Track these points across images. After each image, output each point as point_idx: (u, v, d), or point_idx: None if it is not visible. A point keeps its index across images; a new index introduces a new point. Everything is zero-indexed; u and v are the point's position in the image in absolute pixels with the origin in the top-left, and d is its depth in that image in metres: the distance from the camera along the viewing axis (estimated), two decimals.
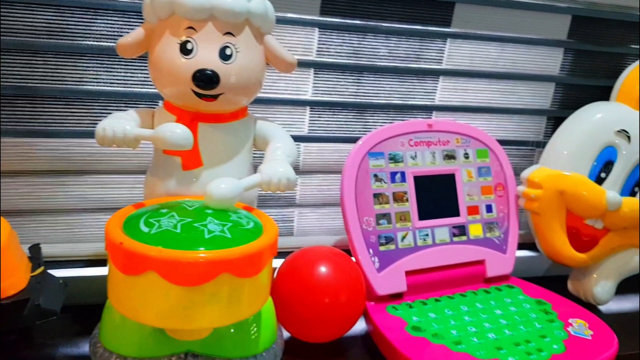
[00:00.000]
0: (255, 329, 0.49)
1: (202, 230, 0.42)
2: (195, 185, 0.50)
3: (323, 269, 0.56)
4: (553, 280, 0.77)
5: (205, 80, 0.47)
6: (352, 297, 0.57)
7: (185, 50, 0.48)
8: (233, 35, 0.49)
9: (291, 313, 0.56)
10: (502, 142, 0.72)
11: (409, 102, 0.71)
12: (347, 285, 0.57)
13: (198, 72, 0.47)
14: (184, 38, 0.48)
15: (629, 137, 0.68)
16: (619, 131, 0.68)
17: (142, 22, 0.51)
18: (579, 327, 0.61)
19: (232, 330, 0.48)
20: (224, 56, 0.48)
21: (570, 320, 0.62)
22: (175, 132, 0.45)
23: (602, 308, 0.74)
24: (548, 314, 0.63)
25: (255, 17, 0.50)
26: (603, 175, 0.68)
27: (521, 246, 0.79)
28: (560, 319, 0.62)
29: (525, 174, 0.69)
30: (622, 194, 0.69)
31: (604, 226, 0.69)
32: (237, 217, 0.45)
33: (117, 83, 0.60)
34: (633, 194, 0.70)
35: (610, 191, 0.67)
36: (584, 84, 0.76)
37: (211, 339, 0.47)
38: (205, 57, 0.48)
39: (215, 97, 0.49)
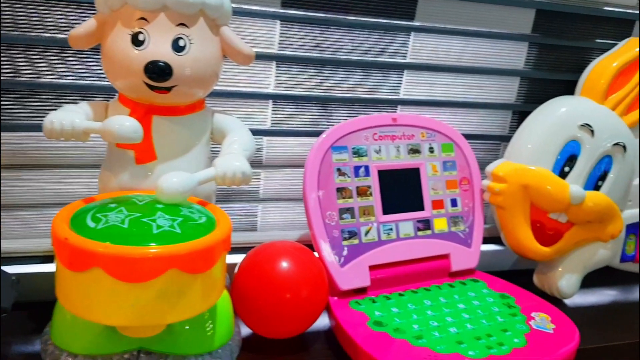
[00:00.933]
0: (210, 325, 0.48)
1: (151, 225, 0.41)
2: (150, 179, 0.49)
3: (284, 264, 0.56)
4: (520, 274, 0.77)
5: (158, 72, 0.46)
6: (313, 293, 0.57)
7: (136, 41, 0.47)
8: (187, 26, 0.48)
9: (252, 309, 0.56)
10: (468, 136, 0.72)
11: (374, 96, 0.70)
12: (308, 280, 0.57)
13: (150, 64, 0.46)
14: (135, 29, 0.47)
15: (592, 131, 0.68)
16: (582, 125, 0.68)
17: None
18: (541, 320, 0.61)
19: (186, 327, 0.47)
20: (177, 47, 0.47)
21: (532, 314, 0.62)
22: (124, 124, 0.44)
23: (567, 301, 0.74)
24: (511, 308, 0.63)
25: (211, 8, 0.49)
26: (567, 169, 0.69)
27: (487, 240, 0.79)
28: (523, 312, 0.62)
29: (490, 168, 0.69)
30: (586, 188, 0.69)
31: (568, 220, 0.69)
32: (188, 211, 0.44)
33: (72, 75, 0.58)
34: (597, 188, 0.70)
35: (573, 185, 0.67)
36: (549, 78, 0.77)
37: (165, 335, 0.46)
38: (158, 48, 0.47)
39: (168, 89, 0.48)
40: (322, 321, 0.61)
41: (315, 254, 0.61)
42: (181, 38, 0.47)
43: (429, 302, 0.63)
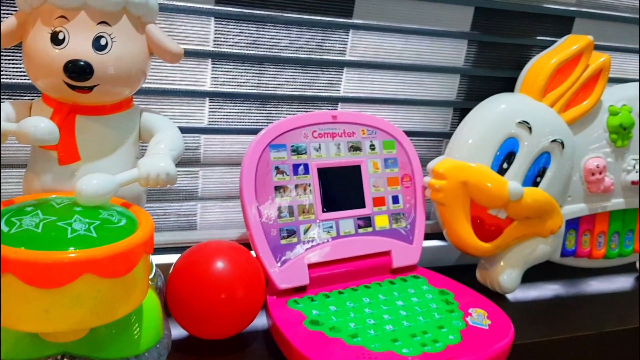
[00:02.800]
0: (137, 327, 0.47)
1: (66, 229, 0.40)
2: (73, 180, 0.48)
3: (219, 264, 0.56)
4: (464, 270, 0.78)
5: (77, 71, 0.45)
6: (249, 292, 0.57)
7: (56, 40, 0.46)
8: (108, 24, 0.47)
9: (186, 310, 0.55)
10: (410, 133, 0.73)
11: (314, 94, 0.70)
12: (244, 280, 0.56)
13: (70, 63, 0.45)
14: (55, 28, 0.46)
15: (530, 128, 0.69)
16: (520, 122, 0.69)
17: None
18: (478, 317, 0.62)
19: (112, 330, 0.46)
20: (98, 46, 0.46)
21: (470, 310, 0.63)
22: (39, 126, 0.43)
23: (509, 297, 0.75)
24: (449, 304, 0.64)
25: (134, 5, 0.48)
26: (505, 165, 0.69)
27: (432, 236, 0.80)
28: (460, 309, 0.63)
29: (431, 165, 0.69)
30: (525, 184, 0.70)
31: (508, 216, 0.70)
32: (107, 214, 0.43)
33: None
34: (535, 185, 0.71)
35: (512, 182, 0.68)
36: (489, 76, 0.77)
37: (89, 339, 0.45)
38: (77, 47, 0.46)
39: (89, 88, 0.47)
40: (261, 321, 0.61)
41: (253, 253, 0.60)
42: (102, 36, 0.46)
43: (367, 299, 0.63)
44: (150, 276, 0.56)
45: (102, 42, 0.46)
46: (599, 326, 0.71)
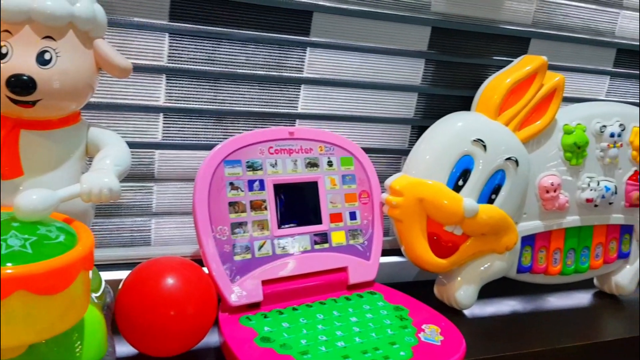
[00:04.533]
0: (79, 344, 0.47)
1: (0, 245, 0.39)
2: (17, 195, 0.47)
3: (169, 281, 0.55)
4: (423, 285, 0.79)
5: (20, 85, 0.45)
6: (199, 309, 0.56)
7: None
8: (53, 39, 0.47)
9: (135, 327, 0.55)
10: (368, 150, 0.73)
11: (271, 110, 0.70)
12: (194, 296, 0.56)
13: (12, 77, 0.45)
14: None
15: (485, 146, 0.70)
16: (475, 140, 0.70)
17: None
18: (431, 333, 0.62)
19: (53, 347, 0.45)
20: (42, 61, 0.46)
21: (423, 327, 0.63)
22: None
23: (466, 312, 0.76)
24: (403, 320, 0.64)
25: (81, 21, 0.48)
26: (461, 183, 0.70)
27: (391, 252, 0.80)
28: (414, 325, 0.63)
29: (388, 181, 0.70)
30: (480, 201, 0.71)
31: (463, 232, 0.71)
32: (46, 230, 0.42)
33: None
34: (491, 202, 0.72)
35: (467, 199, 0.69)
36: (447, 94, 0.78)
37: (29, 356, 0.44)
38: (21, 61, 0.45)
39: (32, 103, 0.46)
40: (214, 338, 0.60)
41: (206, 269, 0.60)
42: (47, 51, 0.46)
43: (321, 316, 0.63)
44: (99, 293, 0.56)
45: (47, 56, 0.46)
46: (554, 342, 0.72)
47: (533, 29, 0.81)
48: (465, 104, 0.77)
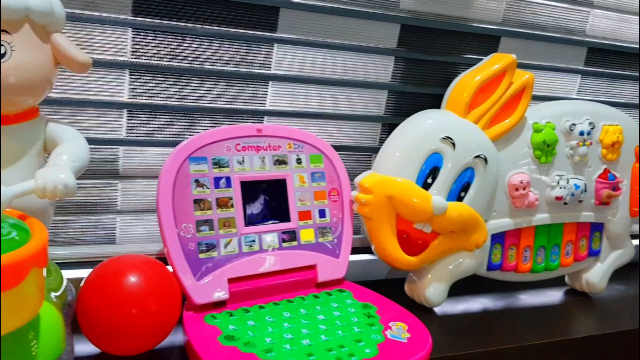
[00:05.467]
0: (34, 343, 0.46)
1: None
2: None
3: (131, 279, 0.55)
4: (395, 283, 0.79)
5: None
6: (162, 307, 0.56)
7: None
8: (9, 32, 0.46)
9: (96, 325, 0.54)
10: (338, 148, 0.73)
11: (239, 107, 0.69)
12: (157, 295, 0.55)
13: None
14: None
15: (453, 144, 0.70)
16: (444, 138, 0.70)
17: None
18: (398, 330, 0.62)
19: (7, 345, 0.44)
20: None
21: (390, 324, 0.63)
22: None
23: (437, 310, 0.76)
24: (370, 318, 0.64)
25: (37, 14, 0.47)
26: (430, 180, 0.70)
27: (362, 250, 0.80)
28: (381, 322, 0.63)
29: (358, 179, 0.70)
30: (449, 199, 0.71)
31: (433, 230, 0.71)
32: None
33: None
34: (460, 199, 0.72)
35: (436, 196, 0.69)
36: (417, 92, 0.78)
37: None
38: None
39: None
40: (180, 337, 0.60)
41: (170, 267, 0.59)
42: (2, 45, 0.45)
43: (288, 314, 0.62)
44: (59, 292, 0.55)
45: (1, 50, 0.45)
46: (523, 339, 0.72)
47: (503, 27, 0.81)
48: (435, 102, 0.77)
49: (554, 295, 0.87)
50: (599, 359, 0.78)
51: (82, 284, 0.56)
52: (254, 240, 0.65)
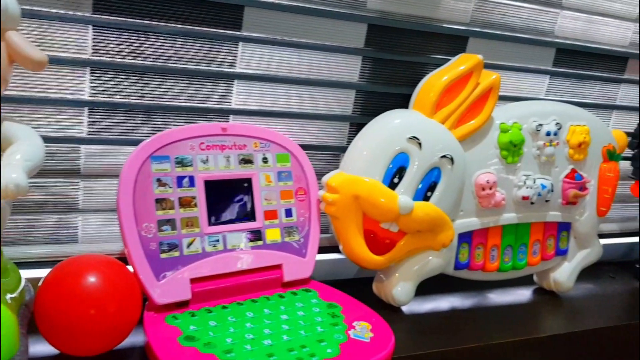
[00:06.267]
0: None
1: None
2: None
3: (89, 279, 0.54)
4: (364, 282, 0.79)
5: None
6: (121, 308, 0.55)
7: None
8: None
9: (54, 326, 0.54)
10: (306, 147, 0.73)
11: (203, 105, 0.69)
12: (115, 295, 0.55)
13: None
14: None
15: (420, 144, 0.70)
16: (410, 138, 0.70)
17: None
18: (361, 330, 0.62)
19: None
20: None
21: (354, 324, 0.63)
22: None
23: (404, 309, 0.76)
24: (335, 318, 0.64)
25: None
26: (396, 180, 0.70)
27: (332, 249, 0.79)
28: (345, 322, 0.63)
29: (324, 178, 0.70)
30: (416, 198, 0.71)
31: (400, 229, 0.71)
32: None
33: None
34: (426, 199, 0.72)
35: (402, 196, 0.69)
36: (385, 92, 0.78)
37: None
38: None
39: None
40: (141, 337, 0.59)
41: (130, 267, 0.59)
42: None
43: (251, 314, 0.62)
44: (16, 293, 0.54)
45: None
46: (489, 338, 0.72)
47: (471, 27, 0.81)
48: (403, 102, 0.77)
49: (522, 294, 0.88)
50: (566, 357, 0.79)
51: (40, 283, 0.55)
52: (217, 240, 0.64)
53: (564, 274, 0.87)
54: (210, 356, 0.54)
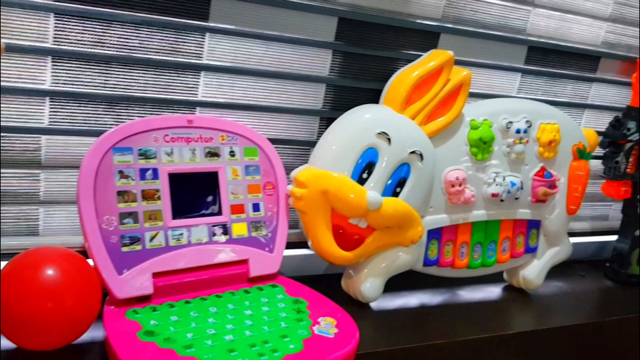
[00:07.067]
0: None
1: None
2: None
3: (47, 272, 0.54)
4: (334, 278, 0.78)
5: None
6: (80, 302, 0.55)
7: None
8: None
9: (11, 319, 0.52)
10: (275, 141, 0.72)
11: (168, 97, 0.68)
12: (74, 288, 0.54)
13: None
14: None
15: (389, 140, 0.70)
16: (379, 133, 0.70)
17: None
18: (326, 325, 0.62)
19: None
20: None
21: (319, 319, 0.62)
22: None
23: (373, 305, 0.76)
24: (300, 313, 0.63)
25: None
26: (365, 175, 0.70)
27: (302, 244, 0.79)
28: (310, 318, 0.62)
29: (293, 173, 0.69)
30: (385, 194, 0.71)
31: (368, 225, 0.70)
32: None
33: None
34: (395, 195, 0.72)
35: (370, 191, 0.68)
36: (356, 87, 0.78)
37: None
38: None
39: None
40: (102, 331, 0.58)
41: (90, 260, 0.58)
42: None
43: (214, 309, 0.61)
44: None
45: None
46: (456, 335, 0.72)
47: (443, 23, 0.81)
48: (374, 97, 0.77)
49: (491, 291, 0.88)
50: (533, 354, 0.79)
51: None
52: (182, 234, 0.63)
53: (533, 271, 0.87)
54: (170, 351, 0.53)
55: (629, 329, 0.87)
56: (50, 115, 0.63)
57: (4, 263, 0.59)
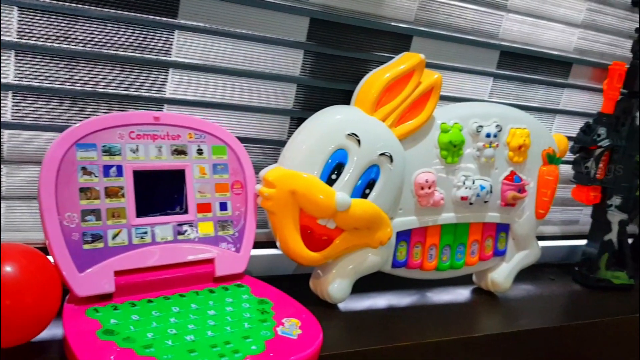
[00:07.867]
0: None
1: None
2: None
3: (5, 268, 0.52)
4: (303, 279, 0.78)
5: None
6: (38, 299, 0.54)
7: None
8: None
9: None
10: (245, 140, 0.72)
11: (135, 93, 0.67)
12: (32, 286, 0.53)
13: None
14: None
15: (359, 141, 0.70)
16: (349, 134, 0.70)
17: None
18: (290, 327, 0.61)
19: None
20: None
21: (283, 320, 0.62)
22: None
23: (341, 306, 0.76)
24: (264, 314, 0.63)
25: None
26: (334, 176, 0.70)
27: (271, 244, 0.79)
28: (274, 318, 0.62)
29: (262, 173, 0.68)
30: (354, 195, 0.70)
31: (337, 226, 0.70)
32: None
33: None
34: (364, 196, 0.72)
35: (339, 192, 0.68)
36: (327, 87, 0.78)
37: None
38: None
39: None
40: (61, 330, 0.57)
41: (51, 258, 0.57)
42: None
43: (177, 309, 0.61)
44: None
45: None
46: (423, 336, 0.72)
47: (415, 26, 0.81)
48: (346, 98, 0.76)
49: (460, 294, 0.89)
50: (501, 357, 0.80)
51: None
52: (145, 232, 0.62)
53: (501, 274, 0.88)
54: (129, 351, 0.52)
55: (596, 332, 0.88)
56: (13, 109, 0.61)
57: None
